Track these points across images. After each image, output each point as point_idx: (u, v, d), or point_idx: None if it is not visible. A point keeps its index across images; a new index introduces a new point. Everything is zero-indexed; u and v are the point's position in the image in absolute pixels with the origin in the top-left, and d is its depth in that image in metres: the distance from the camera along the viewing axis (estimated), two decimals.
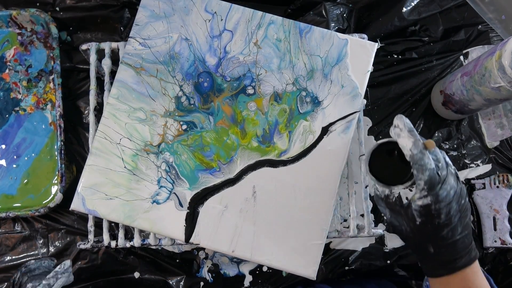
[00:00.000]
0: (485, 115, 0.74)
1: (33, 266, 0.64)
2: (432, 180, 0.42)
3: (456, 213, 0.43)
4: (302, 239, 0.55)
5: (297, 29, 0.58)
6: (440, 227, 0.43)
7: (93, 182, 0.55)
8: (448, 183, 0.43)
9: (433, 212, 0.43)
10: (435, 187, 0.42)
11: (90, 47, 0.61)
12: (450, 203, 0.43)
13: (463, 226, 0.44)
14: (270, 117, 0.57)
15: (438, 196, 0.42)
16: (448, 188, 0.42)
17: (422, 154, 0.42)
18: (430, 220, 0.43)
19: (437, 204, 0.42)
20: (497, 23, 0.68)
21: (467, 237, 0.44)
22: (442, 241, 0.43)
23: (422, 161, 0.42)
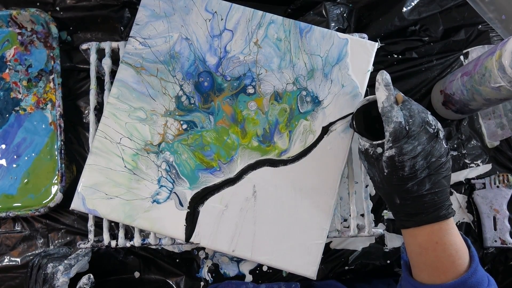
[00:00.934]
0: (485, 115, 0.74)
1: (52, 251, 0.66)
2: (397, 133, 0.45)
3: (423, 168, 0.45)
4: (302, 239, 0.55)
5: (298, 29, 0.58)
6: (405, 179, 0.45)
7: (93, 182, 0.55)
8: (417, 139, 0.45)
9: (397, 164, 0.45)
10: (400, 140, 0.45)
11: (91, 46, 0.61)
12: (415, 157, 0.45)
13: (432, 183, 0.45)
14: (271, 116, 0.57)
15: (402, 149, 0.45)
16: (415, 143, 0.45)
17: (391, 108, 0.46)
18: (395, 171, 0.46)
19: (400, 156, 0.45)
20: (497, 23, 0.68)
21: (438, 195, 0.46)
22: (407, 194, 0.46)
23: (390, 113, 0.46)
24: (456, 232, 0.47)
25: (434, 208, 0.46)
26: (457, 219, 0.72)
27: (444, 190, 0.46)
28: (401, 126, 0.45)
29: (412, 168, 0.45)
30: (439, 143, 0.46)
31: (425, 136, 0.45)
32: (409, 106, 0.47)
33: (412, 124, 0.45)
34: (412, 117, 0.46)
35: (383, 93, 0.47)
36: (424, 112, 0.47)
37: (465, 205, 0.73)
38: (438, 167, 0.45)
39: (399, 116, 0.45)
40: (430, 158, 0.45)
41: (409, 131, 0.45)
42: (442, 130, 0.47)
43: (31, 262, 0.61)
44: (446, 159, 0.46)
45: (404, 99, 0.47)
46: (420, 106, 0.48)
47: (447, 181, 0.47)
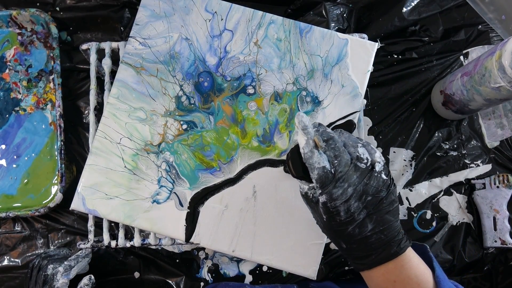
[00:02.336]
0: (485, 115, 0.74)
1: (52, 252, 0.66)
2: (322, 179, 0.42)
3: (359, 210, 0.42)
4: (303, 239, 0.55)
5: (297, 29, 0.58)
6: (343, 224, 0.43)
7: (93, 182, 0.55)
8: (346, 180, 0.42)
9: (331, 209, 0.42)
10: (327, 186, 0.42)
11: (90, 46, 0.61)
12: (348, 200, 0.42)
13: (375, 222, 0.42)
14: (271, 116, 0.57)
15: (332, 194, 0.42)
16: (344, 186, 0.42)
17: (312, 153, 0.43)
18: (332, 217, 0.43)
19: (332, 202, 0.42)
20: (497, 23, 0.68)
21: (385, 233, 0.43)
22: (351, 238, 0.43)
23: (311, 160, 0.43)
24: (416, 263, 0.44)
25: (383, 247, 0.43)
26: (457, 219, 0.72)
27: (391, 226, 0.43)
28: (326, 171, 0.42)
29: (347, 212, 0.42)
30: (374, 178, 0.42)
31: (356, 174, 0.42)
32: (333, 145, 0.43)
33: (338, 165, 0.42)
34: (338, 157, 0.42)
35: (302, 138, 0.44)
36: (354, 146, 0.44)
37: (465, 205, 0.73)
38: (377, 204, 0.42)
39: (321, 161, 0.42)
40: (365, 197, 0.42)
41: (336, 173, 0.42)
42: (381, 162, 0.43)
43: (31, 263, 0.61)
44: (387, 192, 0.43)
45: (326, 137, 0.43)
46: (350, 139, 0.45)
47: (393, 215, 0.43)
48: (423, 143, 0.73)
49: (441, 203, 0.73)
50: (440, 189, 0.73)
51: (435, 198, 0.73)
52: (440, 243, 0.71)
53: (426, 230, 0.72)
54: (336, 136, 0.44)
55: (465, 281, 0.73)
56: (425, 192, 0.73)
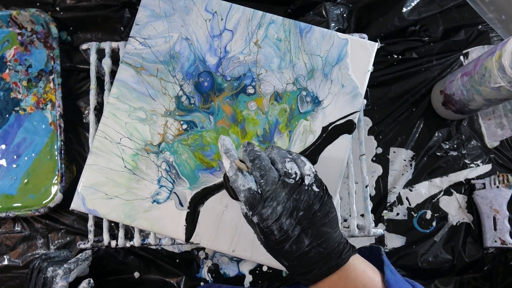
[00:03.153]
0: (485, 115, 0.74)
1: (52, 254, 0.66)
2: (250, 201, 0.41)
3: (293, 226, 0.41)
4: None
5: (297, 29, 0.58)
6: (279, 242, 0.42)
7: (93, 182, 0.55)
8: (275, 199, 0.41)
9: (265, 230, 0.42)
10: (256, 207, 0.41)
11: (90, 46, 0.61)
12: (279, 219, 0.41)
13: (311, 236, 0.41)
14: (271, 116, 0.57)
15: (262, 215, 0.41)
16: (273, 205, 0.41)
17: (236, 176, 0.42)
18: (268, 237, 0.42)
19: (263, 222, 0.41)
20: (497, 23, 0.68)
21: (323, 246, 0.42)
22: (289, 255, 0.42)
23: (236, 183, 0.42)
24: (362, 270, 0.43)
25: (323, 261, 0.42)
26: (457, 219, 0.72)
27: (329, 238, 0.42)
28: (252, 192, 0.41)
29: (280, 230, 0.41)
30: (304, 192, 0.42)
31: (284, 191, 0.41)
32: (259, 164, 0.42)
33: (265, 185, 0.41)
34: (264, 176, 0.42)
35: (226, 162, 0.44)
36: (282, 162, 0.43)
37: (465, 205, 0.73)
38: (310, 218, 0.41)
39: (246, 183, 0.42)
40: (296, 213, 0.41)
41: (263, 193, 0.41)
42: (311, 174, 0.43)
43: (31, 265, 0.61)
44: (320, 204, 0.42)
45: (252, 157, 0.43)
46: (279, 154, 0.44)
47: (330, 226, 0.42)
48: (423, 143, 0.73)
49: (441, 203, 0.73)
50: (440, 189, 0.73)
51: (435, 198, 0.73)
52: (440, 243, 0.71)
53: (426, 230, 0.72)
54: (264, 154, 0.44)
55: (465, 281, 0.73)
56: (425, 192, 0.73)
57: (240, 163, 0.43)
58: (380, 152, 0.73)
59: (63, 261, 0.61)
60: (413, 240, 0.71)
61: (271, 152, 0.45)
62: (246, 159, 0.44)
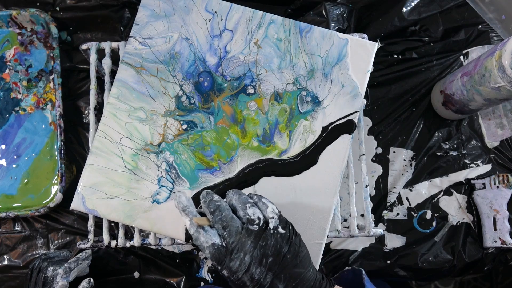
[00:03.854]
0: (485, 115, 0.74)
1: (52, 254, 0.66)
2: (216, 256, 0.40)
3: (264, 274, 0.40)
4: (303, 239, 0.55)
5: (297, 29, 0.58)
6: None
7: (93, 182, 0.55)
8: (241, 250, 0.40)
9: (236, 282, 0.41)
10: (223, 261, 0.40)
11: (91, 46, 0.61)
12: (249, 269, 0.40)
13: (286, 280, 0.40)
14: (271, 116, 0.57)
15: (231, 268, 0.40)
16: (241, 256, 0.40)
17: (198, 233, 0.41)
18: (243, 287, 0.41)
19: (233, 275, 0.40)
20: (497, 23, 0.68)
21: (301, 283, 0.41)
22: None
23: (199, 241, 0.41)
24: None
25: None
26: (457, 219, 0.72)
27: (303, 278, 0.41)
28: (216, 247, 0.40)
29: (252, 280, 0.40)
30: (271, 237, 0.40)
31: (249, 240, 0.40)
32: (220, 215, 0.41)
33: (228, 237, 0.40)
34: (227, 228, 0.41)
35: (186, 219, 0.42)
36: (243, 209, 0.42)
37: (465, 205, 0.73)
38: (281, 261, 0.40)
39: (209, 239, 0.41)
40: (265, 260, 0.40)
41: (228, 246, 0.40)
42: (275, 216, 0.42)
43: (31, 265, 0.61)
44: (288, 245, 0.41)
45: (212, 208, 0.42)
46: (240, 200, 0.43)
47: (303, 265, 0.41)
48: (423, 143, 0.73)
49: (441, 203, 0.73)
50: (440, 189, 0.73)
51: (435, 198, 0.73)
52: (440, 243, 0.71)
53: (426, 230, 0.72)
54: (223, 203, 0.43)
55: (465, 281, 0.73)
56: (425, 192, 0.73)
57: (200, 219, 0.42)
58: (380, 152, 0.73)
59: (63, 261, 0.61)
60: (413, 240, 0.71)
61: (231, 199, 0.44)
62: (206, 211, 0.43)
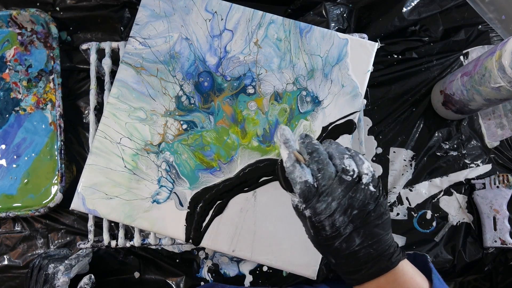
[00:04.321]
0: (485, 115, 0.74)
1: (52, 252, 0.65)
2: (305, 193, 0.41)
3: (345, 224, 0.40)
4: (303, 239, 0.54)
5: (297, 29, 0.58)
6: (330, 239, 0.41)
7: (93, 182, 0.55)
8: (330, 194, 0.40)
9: (316, 224, 0.41)
10: (310, 200, 0.41)
11: (91, 46, 0.61)
12: (332, 215, 0.40)
13: (363, 236, 0.40)
14: (271, 116, 0.57)
15: (316, 209, 0.41)
16: (328, 200, 0.40)
17: (293, 167, 0.42)
18: (318, 232, 0.41)
19: (316, 216, 0.41)
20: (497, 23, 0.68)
21: (374, 247, 0.41)
22: (338, 253, 0.42)
23: (293, 174, 0.41)
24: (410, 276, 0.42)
25: (372, 262, 0.41)
26: (457, 219, 0.72)
27: (381, 239, 0.41)
28: (308, 185, 0.41)
29: (332, 226, 0.40)
30: (361, 191, 0.41)
31: (340, 187, 0.40)
32: (317, 157, 0.42)
33: (321, 179, 0.41)
34: (321, 170, 0.41)
35: (284, 151, 0.43)
36: (340, 158, 0.42)
37: (465, 205, 0.73)
38: (364, 217, 0.40)
39: (303, 175, 0.41)
40: (350, 211, 0.40)
41: (319, 187, 0.40)
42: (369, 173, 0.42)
43: (31, 263, 0.61)
44: (375, 205, 0.41)
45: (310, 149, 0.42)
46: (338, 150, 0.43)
47: (383, 228, 0.41)
48: (423, 143, 0.73)
49: (441, 203, 0.73)
50: (440, 189, 0.73)
51: (435, 198, 0.73)
52: (440, 243, 0.71)
53: (426, 230, 0.72)
54: (322, 148, 0.43)
55: (465, 281, 0.73)
56: (425, 192, 0.73)
57: (299, 155, 0.43)
58: (380, 152, 0.73)
59: (64, 259, 0.61)
60: (413, 240, 0.71)
61: (329, 147, 0.44)
62: (304, 151, 0.43)
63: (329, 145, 0.44)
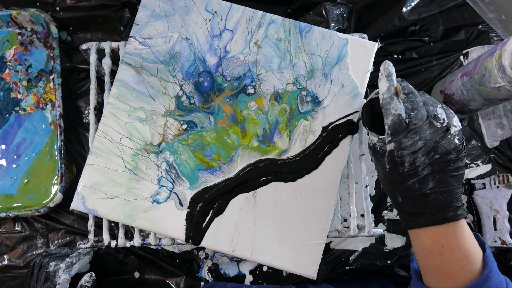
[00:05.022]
0: (485, 115, 0.74)
1: (53, 251, 0.66)
2: (395, 126, 0.43)
3: (424, 165, 0.42)
4: (303, 239, 0.55)
5: (298, 29, 0.58)
6: (405, 176, 0.43)
7: (93, 182, 0.55)
8: (418, 133, 0.42)
9: (396, 159, 0.43)
10: (399, 133, 0.43)
11: (91, 46, 0.61)
12: (416, 153, 0.42)
13: (437, 181, 0.43)
14: (271, 116, 0.57)
15: (401, 143, 0.43)
16: (415, 138, 0.42)
17: (391, 99, 0.44)
18: (395, 167, 0.43)
19: (399, 151, 0.43)
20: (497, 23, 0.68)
21: (444, 195, 0.43)
22: (409, 192, 0.44)
23: (389, 105, 0.44)
24: (468, 235, 0.43)
25: (439, 208, 0.43)
26: None
27: (452, 190, 0.43)
28: (400, 119, 0.43)
29: (412, 164, 0.42)
30: (447, 139, 0.42)
31: (429, 130, 0.43)
32: (413, 98, 0.44)
33: (414, 118, 0.43)
34: (415, 110, 0.43)
35: (384, 84, 0.45)
36: (433, 106, 0.44)
37: (465, 205, 0.73)
38: (443, 164, 0.42)
39: (398, 109, 0.43)
40: (433, 154, 0.42)
41: (410, 124, 0.43)
42: (457, 126, 0.43)
43: (32, 262, 0.61)
44: (456, 157, 0.43)
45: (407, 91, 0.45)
46: (431, 99, 0.45)
47: (457, 180, 0.43)
48: None
49: None
50: None
51: None
52: None
53: None
54: (417, 92, 0.45)
55: None
56: None
57: (400, 89, 0.45)
58: None
59: (64, 257, 0.62)
60: None
61: (422, 95, 0.46)
62: (400, 91, 0.45)
63: (423, 94, 0.46)
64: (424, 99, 0.45)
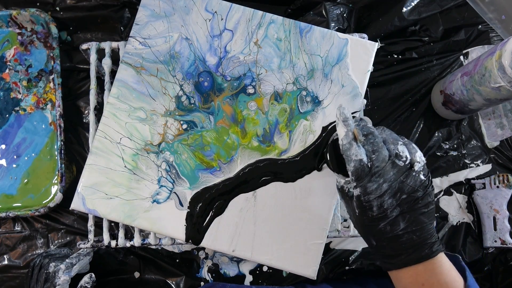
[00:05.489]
0: (485, 115, 0.74)
1: (53, 251, 0.66)
2: (358, 171, 0.42)
3: (393, 207, 0.42)
4: (303, 239, 0.55)
5: (298, 29, 0.58)
6: (375, 219, 0.43)
7: (93, 182, 0.55)
8: (382, 176, 0.42)
9: (364, 203, 0.43)
10: (363, 178, 0.42)
11: (91, 46, 0.61)
12: (382, 196, 0.42)
13: (408, 221, 0.42)
14: (271, 116, 0.57)
15: (366, 188, 0.42)
16: (380, 181, 0.42)
17: (350, 145, 0.43)
18: (364, 211, 0.43)
19: (365, 195, 0.42)
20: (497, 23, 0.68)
21: (417, 234, 0.42)
22: (381, 235, 0.43)
23: (349, 152, 0.43)
24: (447, 268, 0.43)
25: (413, 248, 0.42)
26: (457, 219, 0.72)
27: (424, 227, 0.42)
28: (362, 164, 0.42)
29: (380, 207, 0.42)
30: (412, 177, 0.42)
31: (392, 171, 0.42)
32: (372, 140, 0.43)
33: (375, 160, 0.42)
34: (376, 152, 0.42)
35: (342, 129, 0.45)
36: (394, 143, 0.43)
37: (465, 205, 0.73)
38: (411, 203, 0.42)
39: (358, 154, 0.42)
40: (399, 195, 0.42)
41: (372, 168, 0.42)
42: (421, 162, 0.43)
43: (32, 262, 0.61)
44: (424, 193, 0.42)
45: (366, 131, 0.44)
46: (391, 136, 0.45)
47: (428, 217, 0.43)
48: (423, 143, 0.73)
49: (441, 203, 0.73)
50: (440, 189, 0.73)
51: (435, 198, 0.73)
52: None
53: None
54: (377, 132, 0.45)
55: None
56: None
57: (358, 133, 0.44)
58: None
59: (64, 257, 0.62)
60: None
61: (382, 132, 0.45)
62: (359, 133, 0.44)
63: (383, 131, 0.46)
64: (385, 136, 0.45)
